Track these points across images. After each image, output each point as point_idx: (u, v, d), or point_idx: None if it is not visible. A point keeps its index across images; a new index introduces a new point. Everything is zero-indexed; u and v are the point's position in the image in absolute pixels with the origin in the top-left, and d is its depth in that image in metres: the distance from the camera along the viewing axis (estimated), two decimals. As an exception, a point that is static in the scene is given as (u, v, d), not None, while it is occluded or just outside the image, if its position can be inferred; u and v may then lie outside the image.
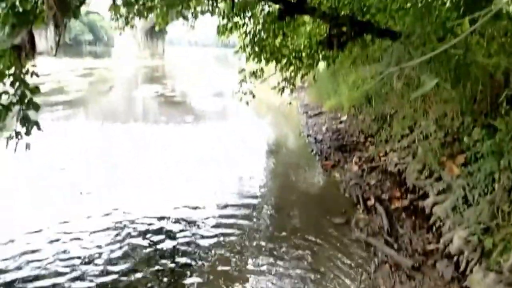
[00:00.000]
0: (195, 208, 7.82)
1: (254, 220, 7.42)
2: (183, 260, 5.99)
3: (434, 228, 6.50)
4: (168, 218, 7.33)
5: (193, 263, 5.91)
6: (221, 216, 7.49)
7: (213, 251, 6.25)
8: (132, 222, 7.13)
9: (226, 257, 6.07)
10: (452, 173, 6.81)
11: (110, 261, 5.88)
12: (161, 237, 6.66)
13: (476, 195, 5.94)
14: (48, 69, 29.73)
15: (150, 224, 7.08)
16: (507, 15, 6.50)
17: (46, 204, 7.69)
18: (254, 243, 6.51)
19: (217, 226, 7.11)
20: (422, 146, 8.21)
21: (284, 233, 6.82)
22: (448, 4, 7.80)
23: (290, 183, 9.59)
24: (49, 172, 9.35)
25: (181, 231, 6.90)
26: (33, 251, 6.06)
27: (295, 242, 6.50)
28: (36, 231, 6.65)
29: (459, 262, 5.43)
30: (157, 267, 5.76)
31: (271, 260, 6.00)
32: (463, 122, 7.50)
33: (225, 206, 7.95)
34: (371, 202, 7.81)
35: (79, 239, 6.46)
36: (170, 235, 6.74)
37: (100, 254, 6.06)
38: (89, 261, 5.87)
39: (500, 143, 5.71)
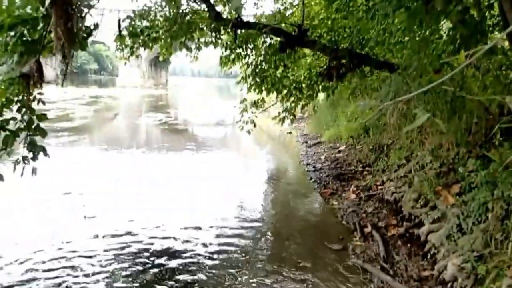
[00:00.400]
0: (197, 230, 7.89)
1: (254, 243, 7.45)
2: (185, 279, 6.05)
3: (429, 255, 6.50)
4: (171, 240, 7.38)
5: (196, 282, 5.96)
6: (222, 239, 7.54)
7: (214, 271, 6.30)
8: (136, 244, 7.19)
9: (227, 278, 6.12)
10: (447, 202, 6.86)
11: (112, 281, 5.91)
12: (164, 257, 6.72)
13: (470, 224, 5.99)
14: (54, 97, 30.03)
15: (153, 246, 7.14)
16: (501, 49, 6.60)
17: (51, 227, 7.73)
18: (254, 265, 6.56)
19: (218, 248, 7.17)
20: (418, 176, 8.27)
21: (282, 257, 6.86)
22: (444, 37, 7.93)
23: (289, 209, 9.62)
24: (54, 196, 9.39)
25: (183, 252, 6.96)
26: (37, 270, 6.10)
27: (293, 266, 6.53)
28: (39, 252, 6.70)
29: (453, 289, 5.46)
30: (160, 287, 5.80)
31: (270, 281, 6.04)
32: (458, 153, 7.57)
33: (226, 230, 7.99)
34: (368, 229, 7.84)
35: (83, 259, 6.50)
36: (173, 255, 6.81)
37: (103, 274, 6.09)
38: (92, 281, 5.90)
39: (493, 173, 5.78)
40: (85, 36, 5.23)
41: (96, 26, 5.31)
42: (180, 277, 6.13)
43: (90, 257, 6.63)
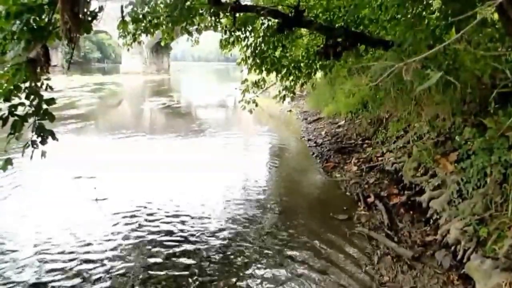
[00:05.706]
0: (205, 206, 7.92)
1: (262, 216, 7.49)
2: (198, 255, 6.05)
3: (431, 221, 6.57)
4: (181, 220, 7.36)
5: (209, 258, 5.97)
6: (230, 215, 7.57)
7: (225, 245, 6.36)
8: (147, 223, 7.19)
9: (238, 250, 6.18)
10: (446, 170, 6.89)
11: (127, 260, 5.91)
12: (176, 236, 6.72)
13: (469, 189, 6.03)
14: (60, 85, 29.85)
15: (164, 224, 7.14)
16: (491, 22, 6.59)
17: (63, 209, 7.75)
18: (263, 236, 6.63)
19: (227, 223, 7.21)
20: (417, 146, 8.29)
21: (290, 228, 6.90)
22: (436, 13, 7.90)
23: (294, 183, 9.66)
24: (64, 181, 9.35)
25: (195, 229, 6.95)
26: (49, 253, 6.07)
27: (302, 236, 6.59)
28: (55, 233, 6.69)
29: (457, 251, 5.48)
30: (170, 266, 5.79)
31: (280, 251, 6.11)
32: (454, 122, 7.61)
33: (234, 205, 8.03)
34: (371, 199, 7.87)
35: (95, 240, 6.49)
36: (184, 234, 6.79)
37: (117, 253, 6.09)
38: (105, 259, 5.90)
39: (490, 140, 5.80)
40: (89, 20, 5.20)
41: (101, 8, 5.27)
42: (193, 253, 6.12)
43: (103, 238, 6.62)
